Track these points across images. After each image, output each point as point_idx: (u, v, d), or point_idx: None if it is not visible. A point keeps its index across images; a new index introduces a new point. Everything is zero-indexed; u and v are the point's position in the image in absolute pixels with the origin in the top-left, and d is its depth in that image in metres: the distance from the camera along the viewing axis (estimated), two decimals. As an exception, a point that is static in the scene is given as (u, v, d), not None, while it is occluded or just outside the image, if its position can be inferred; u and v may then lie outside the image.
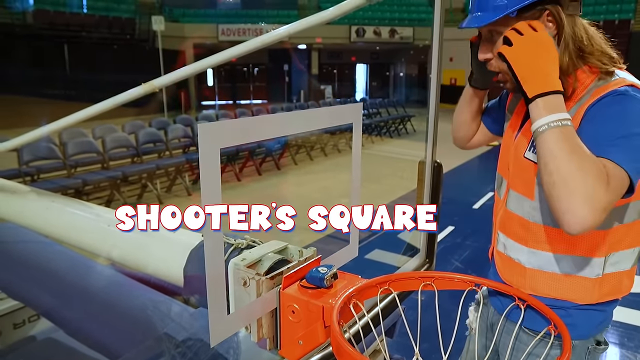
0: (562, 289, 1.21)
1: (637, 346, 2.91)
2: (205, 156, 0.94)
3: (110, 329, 1.76)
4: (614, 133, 1.00)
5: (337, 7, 2.05)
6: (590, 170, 0.93)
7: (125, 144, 6.24)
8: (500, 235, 1.34)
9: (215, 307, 1.05)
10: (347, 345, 0.94)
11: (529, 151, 1.19)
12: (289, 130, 1.18)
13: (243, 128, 1.03)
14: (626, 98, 1.03)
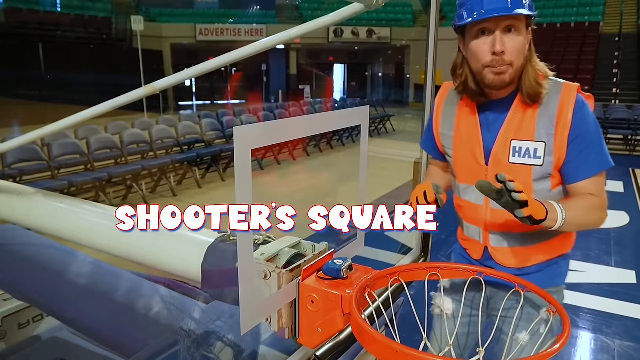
0: (559, 248, 1.48)
1: (615, 332, 3.08)
2: (239, 156, 1.03)
3: (123, 326, 1.82)
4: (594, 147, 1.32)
5: (337, 13, 2.14)
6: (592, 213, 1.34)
7: (109, 145, 6.23)
8: (494, 234, 1.47)
9: (246, 297, 1.13)
10: (369, 327, 1.04)
11: (514, 157, 1.36)
12: (308, 131, 1.27)
13: (270, 130, 1.12)
14: (585, 107, 1.33)
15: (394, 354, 0.98)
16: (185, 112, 14.83)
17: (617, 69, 15.37)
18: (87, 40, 18.06)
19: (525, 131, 1.35)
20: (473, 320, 1.62)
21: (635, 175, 8.01)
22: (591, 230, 4.99)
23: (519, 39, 1.29)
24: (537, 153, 1.34)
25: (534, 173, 1.36)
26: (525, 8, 1.27)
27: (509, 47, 1.28)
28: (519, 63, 1.31)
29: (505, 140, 1.37)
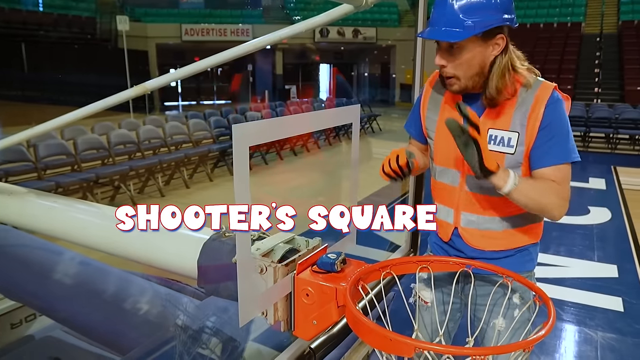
0: (528, 236, 1.54)
1: (597, 325, 3.16)
2: (238, 152, 1.06)
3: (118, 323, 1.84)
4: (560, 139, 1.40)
5: (326, 14, 2.18)
6: (549, 195, 1.39)
7: (96, 146, 6.20)
8: (466, 215, 1.54)
9: (244, 291, 1.17)
10: (364, 318, 1.08)
11: (490, 144, 1.44)
12: (303, 129, 1.31)
13: (267, 128, 1.16)
14: (559, 102, 1.41)
15: (388, 342, 1.02)
16: (171, 113, 14.78)
17: (598, 69, 15.64)
18: (70, 40, 17.88)
19: (502, 121, 1.44)
20: (455, 306, 1.68)
21: (616, 172, 8.16)
22: (575, 227, 5.13)
23: (462, 55, 1.37)
24: (511, 142, 1.43)
25: (506, 160, 1.44)
26: (463, 30, 1.33)
27: (451, 63, 1.39)
28: (467, 74, 1.40)
29: (484, 129, 1.43)
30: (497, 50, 1.39)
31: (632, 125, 10.29)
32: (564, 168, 1.41)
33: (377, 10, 21.72)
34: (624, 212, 5.83)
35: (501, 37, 1.38)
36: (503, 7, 1.36)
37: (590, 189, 7.02)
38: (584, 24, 18.81)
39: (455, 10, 1.33)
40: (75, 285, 2.03)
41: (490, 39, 1.37)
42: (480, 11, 1.33)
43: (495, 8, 1.34)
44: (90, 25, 18.56)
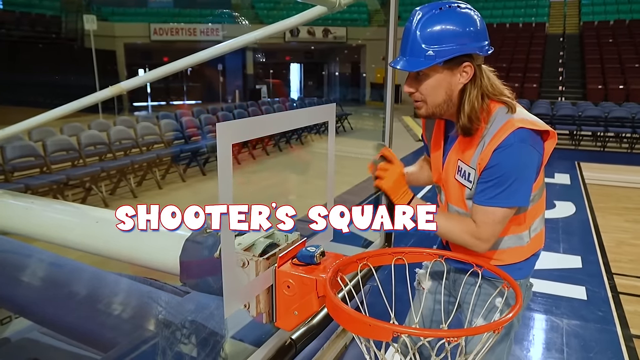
0: (509, 258, 1.58)
1: (563, 313, 3.30)
2: (222, 150, 1.10)
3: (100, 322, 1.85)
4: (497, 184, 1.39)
5: (300, 15, 2.24)
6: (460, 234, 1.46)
7: (66, 147, 6.11)
8: None
9: (229, 283, 1.21)
10: (343, 305, 1.14)
11: (457, 174, 1.50)
12: (283, 127, 1.37)
13: (250, 126, 1.20)
14: (513, 147, 1.36)
15: (367, 327, 1.09)
16: (140, 113, 14.57)
17: (562, 68, 16.10)
18: (34, 39, 17.42)
19: (467, 155, 1.47)
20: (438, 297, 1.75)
21: (580, 168, 8.45)
22: (542, 220, 5.29)
23: (428, 82, 1.39)
24: (470, 177, 1.47)
25: (465, 193, 1.50)
26: (424, 60, 1.34)
27: (419, 88, 1.42)
28: (435, 100, 1.42)
29: (455, 159, 1.52)
30: (464, 79, 1.37)
31: (594, 122, 10.66)
32: (491, 211, 1.40)
33: (347, 10, 21.82)
34: (587, 206, 6.05)
35: (468, 65, 1.36)
36: (470, 36, 1.34)
37: (555, 184, 7.25)
38: (547, 24, 19.34)
39: (417, 39, 1.34)
40: (53, 285, 2.03)
41: (455, 67, 1.36)
42: (443, 40, 1.32)
43: (459, 36, 1.33)
44: (55, 24, 18.12)
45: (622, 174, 7.96)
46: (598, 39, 16.73)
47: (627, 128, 10.38)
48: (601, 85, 14.01)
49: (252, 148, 9.00)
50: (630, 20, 17.76)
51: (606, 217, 5.57)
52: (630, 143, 10.43)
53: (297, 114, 1.44)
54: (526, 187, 1.41)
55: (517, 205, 1.42)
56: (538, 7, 20.26)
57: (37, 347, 2.21)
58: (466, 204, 1.51)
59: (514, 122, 1.37)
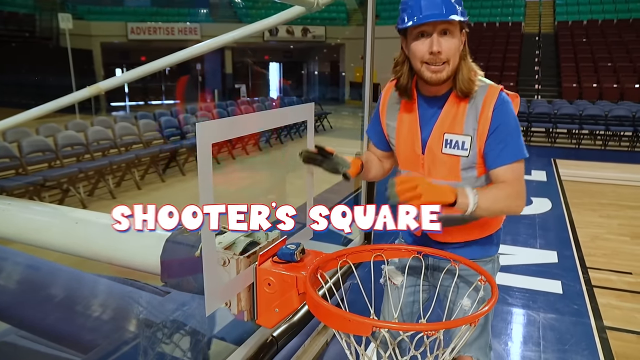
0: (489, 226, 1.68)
1: (539, 307, 3.37)
2: (202, 150, 1.12)
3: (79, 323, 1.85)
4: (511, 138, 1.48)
5: (278, 15, 2.26)
6: (504, 200, 1.48)
7: (43, 148, 6.01)
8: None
9: (210, 282, 1.23)
10: (323, 302, 1.16)
11: (446, 148, 1.54)
12: (262, 126, 1.38)
13: (229, 125, 1.22)
14: (506, 103, 1.50)
15: (347, 322, 1.11)
16: (118, 113, 14.39)
17: (538, 67, 16.37)
18: (7, 37, 17.04)
19: (456, 126, 1.52)
20: (417, 289, 1.78)
21: (556, 164, 8.61)
22: (519, 217, 5.40)
23: (454, 41, 1.46)
24: (465, 145, 1.51)
25: (461, 163, 1.54)
26: (458, 14, 1.43)
27: (445, 48, 1.44)
28: (454, 61, 1.47)
29: (439, 134, 1.55)
30: (464, 43, 1.50)
31: (569, 120, 10.87)
32: (516, 167, 1.49)
33: (326, 9, 21.64)
34: (563, 202, 6.17)
35: (465, 31, 1.50)
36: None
37: (532, 181, 7.37)
38: (523, 23, 19.62)
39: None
40: (30, 287, 2.01)
41: (462, 31, 1.49)
42: (461, 2, 1.46)
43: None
44: (29, 22, 17.75)
45: (596, 170, 8.13)
46: (572, 39, 17.04)
47: (600, 125, 10.61)
48: (576, 84, 14.29)
49: (232, 147, 8.97)
50: (602, 21, 18.13)
51: (581, 213, 5.70)
52: (603, 140, 10.66)
53: (276, 113, 1.46)
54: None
55: (526, 156, 1.51)
56: (514, 6, 20.55)
57: (15, 351, 2.18)
58: (460, 176, 1.55)
59: (494, 86, 1.51)
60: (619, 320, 3.20)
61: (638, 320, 3.21)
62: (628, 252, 4.47)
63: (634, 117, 10.30)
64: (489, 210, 1.46)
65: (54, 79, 11.27)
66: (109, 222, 1.78)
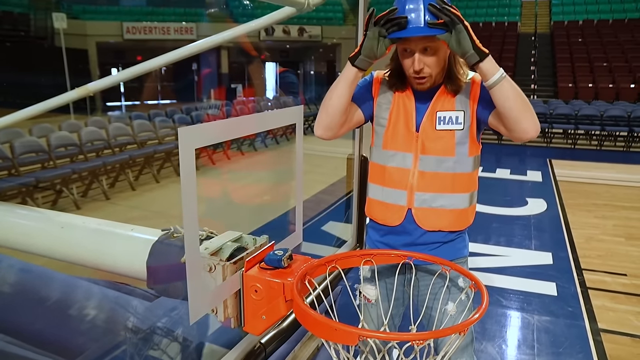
0: (466, 218, 1.68)
1: (534, 309, 3.36)
2: (184, 155, 1.09)
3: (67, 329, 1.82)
4: None
5: (269, 16, 2.23)
6: (527, 101, 1.49)
7: (36, 149, 5.96)
8: (419, 194, 1.63)
9: (194, 289, 1.20)
10: (310, 310, 1.14)
11: (440, 124, 1.58)
12: (248, 130, 1.35)
13: (213, 130, 1.19)
14: None
15: (334, 331, 1.08)
16: (113, 113, 14.34)
17: (534, 67, 16.37)
18: (2, 37, 16.96)
19: (447, 105, 1.59)
20: (398, 302, 1.78)
21: (551, 165, 8.61)
22: (514, 218, 5.39)
23: (434, 58, 1.51)
24: (459, 119, 1.58)
25: (456, 137, 1.58)
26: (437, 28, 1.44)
27: (427, 63, 1.51)
28: (437, 72, 1.54)
29: (432, 114, 1.60)
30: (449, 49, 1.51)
31: (565, 120, 10.87)
32: None
33: (322, 9, 21.84)
34: (558, 203, 6.17)
35: None
36: None
37: (527, 182, 7.37)
38: (519, 23, 19.64)
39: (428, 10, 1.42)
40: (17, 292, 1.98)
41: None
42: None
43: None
44: (24, 22, 17.67)
45: (591, 170, 8.13)
46: (568, 39, 17.06)
47: (596, 126, 10.61)
48: (571, 84, 14.30)
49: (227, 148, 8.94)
50: (598, 21, 18.16)
51: (576, 214, 5.69)
52: (599, 140, 10.67)
53: (264, 116, 1.43)
54: None
55: None
56: (510, 6, 20.56)
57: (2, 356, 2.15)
58: (454, 151, 1.59)
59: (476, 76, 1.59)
60: (613, 323, 3.19)
61: (632, 323, 3.20)
62: (623, 254, 4.46)
63: (629, 117, 10.31)
64: (515, 96, 1.44)
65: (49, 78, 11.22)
66: (96, 226, 1.77)
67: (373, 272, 1.67)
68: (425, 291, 1.66)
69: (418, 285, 1.73)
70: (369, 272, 1.64)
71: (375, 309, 1.73)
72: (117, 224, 1.73)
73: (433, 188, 1.61)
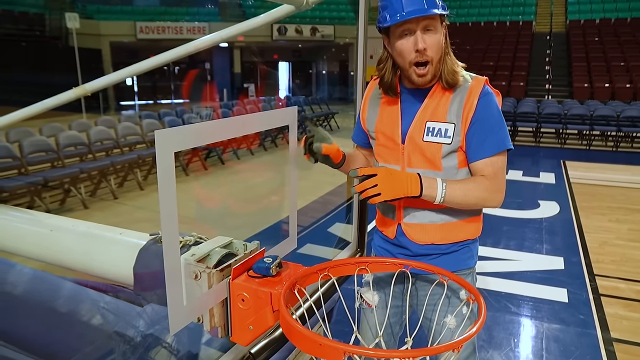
0: (467, 230, 1.59)
1: (543, 316, 3.26)
2: (161, 159, 1.03)
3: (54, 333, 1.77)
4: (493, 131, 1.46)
5: (267, 14, 2.17)
6: (477, 192, 1.45)
7: (44, 148, 5.97)
8: (408, 210, 1.58)
9: (173, 298, 1.14)
10: (295, 323, 1.07)
11: (427, 136, 1.50)
12: (234, 133, 1.29)
13: (193, 133, 1.13)
14: (490, 95, 1.48)
15: (318, 347, 1.02)
16: (127, 112, 14.41)
17: (549, 66, 16.14)
18: (17, 37, 17.16)
19: (439, 114, 1.49)
20: (398, 310, 1.71)
21: (565, 166, 8.45)
22: (525, 221, 5.27)
23: (437, 36, 1.43)
24: (447, 133, 1.48)
25: (443, 150, 1.49)
26: (439, 8, 1.40)
27: (429, 44, 1.42)
28: (437, 58, 1.46)
29: (421, 123, 1.51)
30: (445, 36, 1.48)
31: (580, 120, 10.68)
32: (497, 160, 1.47)
33: (335, 8, 21.80)
34: (572, 206, 6.03)
35: (445, 24, 1.47)
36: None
37: (540, 183, 7.24)
38: (534, 22, 19.39)
39: None
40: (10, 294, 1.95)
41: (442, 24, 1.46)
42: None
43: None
44: (39, 22, 17.88)
45: (607, 172, 7.96)
46: (584, 38, 16.80)
47: (612, 126, 10.41)
48: (587, 84, 14.06)
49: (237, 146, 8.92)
50: (615, 19, 17.86)
51: (590, 217, 5.56)
52: (615, 141, 10.46)
53: (252, 118, 1.37)
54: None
55: (511, 147, 1.50)
56: (525, 5, 20.32)
57: None
58: (441, 165, 1.50)
59: (479, 77, 1.51)
60: (626, 332, 3.08)
61: (647, 332, 3.09)
62: (638, 259, 4.33)
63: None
64: (460, 203, 1.45)
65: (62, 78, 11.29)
66: (85, 229, 1.73)
67: (376, 278, 1.65)
68: (430, 301, 1.59)
69: (417, 294, 1.66)
70: (372, 277, 1.59)
71: (375, 315, 1.67)
72: (106, 228, 1.69)
73: (421, 203, 1.52)
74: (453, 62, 1.49)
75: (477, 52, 16.52)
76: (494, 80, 14.49)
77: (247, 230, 4.28)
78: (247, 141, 9.19)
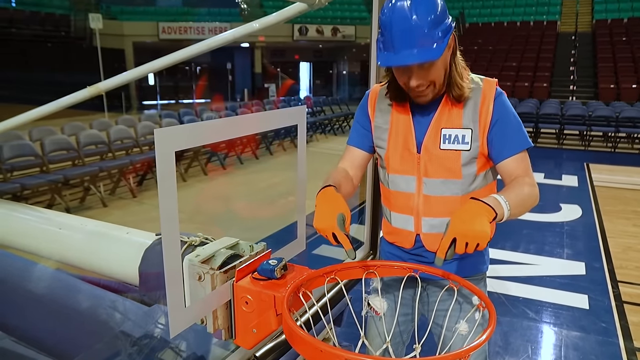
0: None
1: (563, 323, 3.17)
2: (161, 158, 1.01)
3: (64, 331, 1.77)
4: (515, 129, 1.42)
5: (279, 13, 2.15)
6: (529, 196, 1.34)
7: (65, 147, 6.06)
8: (426, 220, 1.51)
9: (174, 300, 1.12)
10: (298, 329, 1.04)
11: (444, 143, 1.44)
12: (238, 133, 1.26)
13: (195, 132, 1.11)
14: (503, 95, 1.45)
15: (319, 353, 0.99)
16: (149, 112, 14.59)
17: (573, 67, 15.84)
18: (44, 38, 17.52)
19: (454, 121, 1.43)
20: (407, 318, 1.66)
21: (589, 169, 8.26)
22: (546, 224, 5.16)
23: (436, 65, 1.33)
24: (465, 139, 1.42)
25: (462, 157, 1.43)
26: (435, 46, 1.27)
27: (425, 77, 1.34)
28: (439, 81, 1.38)
29: (436, 131, 1.45)
30: (451, 51, 1.38)
31: (605, 122, 10.44)
32: (524, 156, 1.42)
33: (357, 9, 21.75)
34: (594, 209, 5.89)
35: (453, 36, 1.35)
36: (446, 8, 1.33)
37: (562, 186, 7.08)
38: (559, 22, 19.05)
39: (421, 27, 1.25)
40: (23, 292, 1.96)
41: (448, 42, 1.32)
42: (441, 18, 1.28)
43: (445, 11, 1.31)
44: (65, 22, 18.21)
45: (633, 175, 7.76)
46: (611, 37, 16.43)
47: (639, 128, 10.15)
48: (613, 85, 13.75)
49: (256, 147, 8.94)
50: (644, 19, 17.45)
51: (613, 221, 5.41)
52: (642, 144, 10.21)
53: (258, 117, 1.35)
54: None
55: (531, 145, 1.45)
56: (550, 5, 19.98)
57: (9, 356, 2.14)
58: (461, 173, 1.44)
59: (489, 79, 1.47)
60: (650, 341, 2.98)
61: (671, 341, 2.98)
62: (663, 265, 4.20)
63: (674, 120, 9.83)
64: (520, 208, 1.30)
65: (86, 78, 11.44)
66: (93, 228, 1.72)
67: (384, 284, 1.59)
68: (440, 307, 1.54)
69: (428, 300, 1.62)
70: (380, 283, 1.55)
71: (383, 322, 1.63)
72: (114, 227, 1.68)
73: (441, 212, 1.47)
74: (459, 74, 1.40)
75: (499, 52, 16.29)
76: (517, 81, 14.27)
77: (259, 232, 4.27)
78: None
